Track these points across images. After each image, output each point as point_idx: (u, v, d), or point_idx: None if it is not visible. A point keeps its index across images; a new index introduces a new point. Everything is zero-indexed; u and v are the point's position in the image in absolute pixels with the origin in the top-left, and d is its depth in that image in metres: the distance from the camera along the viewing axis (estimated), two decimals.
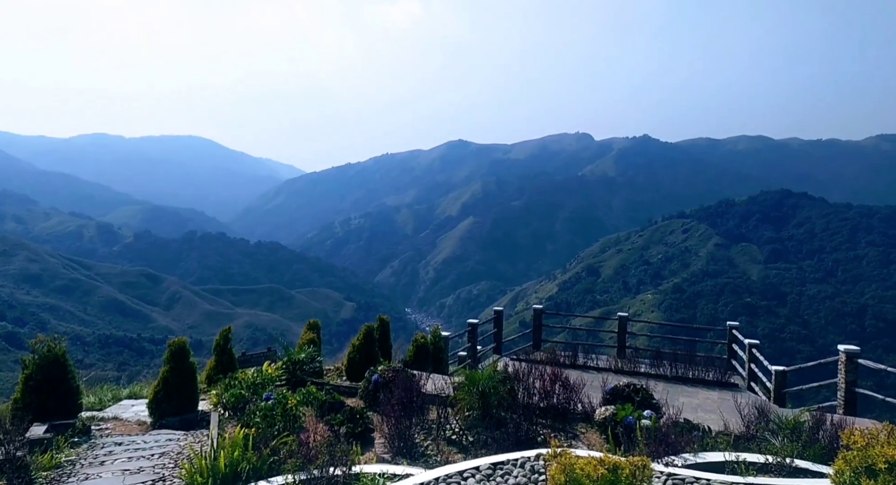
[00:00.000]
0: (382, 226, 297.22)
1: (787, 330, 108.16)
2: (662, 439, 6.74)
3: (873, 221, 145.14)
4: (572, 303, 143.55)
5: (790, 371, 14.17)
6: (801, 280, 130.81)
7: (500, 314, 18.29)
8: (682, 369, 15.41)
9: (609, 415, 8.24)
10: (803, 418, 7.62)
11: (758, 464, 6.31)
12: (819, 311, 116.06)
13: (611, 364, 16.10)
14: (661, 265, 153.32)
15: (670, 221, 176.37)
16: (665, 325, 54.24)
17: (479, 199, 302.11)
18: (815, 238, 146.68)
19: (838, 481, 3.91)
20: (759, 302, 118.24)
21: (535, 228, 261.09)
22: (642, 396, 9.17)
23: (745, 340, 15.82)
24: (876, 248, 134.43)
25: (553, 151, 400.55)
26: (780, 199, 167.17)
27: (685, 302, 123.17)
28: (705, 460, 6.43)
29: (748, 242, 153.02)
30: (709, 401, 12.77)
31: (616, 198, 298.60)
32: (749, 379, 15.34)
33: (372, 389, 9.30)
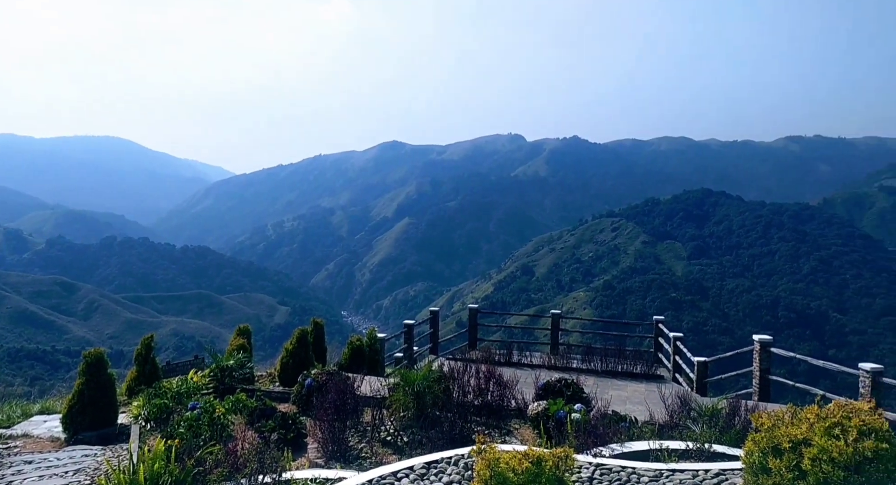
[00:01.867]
0: (317, 228, 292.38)
1: (709, 323, 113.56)
2: (591, 431, 6.96)
3: (784, 217, 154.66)
4: (508, 302, 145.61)
5: (711, 362, 14.89)
6: (722, 275, 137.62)
7: (436, 315, 18.36)
8: (611, 363, 15.94)
9: (541, 410, 8.42)
10: (721, 406, 8.05)
11: (679, 450, 6.62)
12: (738, 304, 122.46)
13: (544, 361, 16.46)
14: (592, 263, 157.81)
15: (600, 219, 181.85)
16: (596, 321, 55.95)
17: (415, 200, 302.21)
18: (732, 235, 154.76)
19: (748, 461, 4.15)
20: (684, 297, 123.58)
21: (470, 229, 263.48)
22: (573, 390, 9.43)
23: (670, 333, 16.52)
24: (786, 243, 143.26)
25: (487, 151, 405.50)
26: (701, 198, 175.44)
27: (615, 298, 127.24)
28: (631, 450, 6.68)
29: (673, 240, 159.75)
30: (637, 393, 13.25)
31: (548, 198, 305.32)
32: (674, 370, 16.03)
33: (305, 393, 9.13)
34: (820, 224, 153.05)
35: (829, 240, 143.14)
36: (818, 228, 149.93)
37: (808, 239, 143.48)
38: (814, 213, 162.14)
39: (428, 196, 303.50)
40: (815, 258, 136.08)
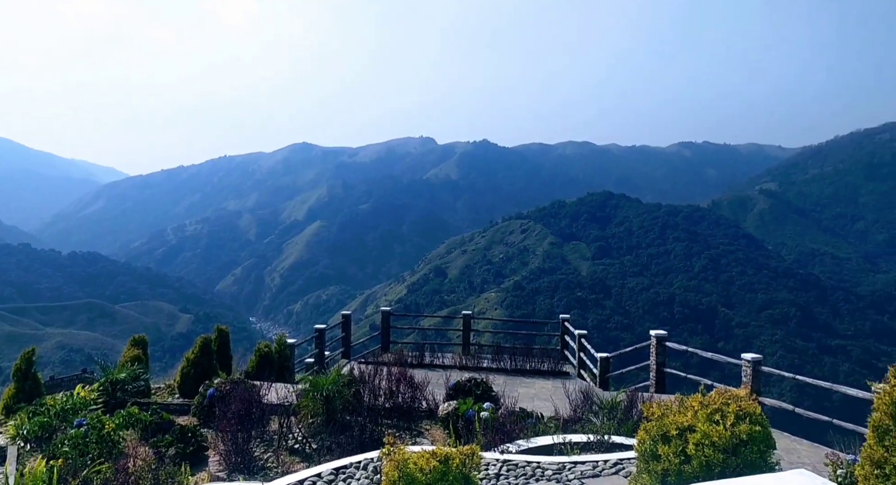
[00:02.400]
0: (223, 232, 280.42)
1: (612, 320, 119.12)
2: (499, 429, 7.12)
3: (678, 219, 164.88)
4: (421, 304, 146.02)
5: (613, 357, 15.61)
6: (623, 274, 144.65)
7: (347, 318, 18.15)
8: (520, 362, 16.37)
9: (451, 410, 8.52)
10: (619, 399, 8.48)
11: (581, 443, 6.91)
12: (638, 301, 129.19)
13: (455, 361, 16.66)
14: (502, 264, 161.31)
15: (510, 221, 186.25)
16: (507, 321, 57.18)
17: (326, 202, 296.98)
18: (633, 235, 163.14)
19: (640, 449, 4.41)
20: (589, 295, 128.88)
21: (383, 231, 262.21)
22: (482, 389, 9.61)
23: (575, 331, 17.17)
24: (681, 243, 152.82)
25: (399, 154, 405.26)
26: (604, 200, 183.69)
27: (525, 298, 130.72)
28: (536, 445, 6.90)
29: (578, 241, 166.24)
30: (544, 390, 13.67)
31: (460, 200, 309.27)
32: (579, 367, 16.67)
33: (207, 404, 8.73)
34: (709, 225, 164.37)
35: (717, 240, 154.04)
36: (708, 229, 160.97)
37: (700, 239, 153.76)
38: (704, 214, 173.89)
39: (340, 198, 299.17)
40: (706, 257, 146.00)
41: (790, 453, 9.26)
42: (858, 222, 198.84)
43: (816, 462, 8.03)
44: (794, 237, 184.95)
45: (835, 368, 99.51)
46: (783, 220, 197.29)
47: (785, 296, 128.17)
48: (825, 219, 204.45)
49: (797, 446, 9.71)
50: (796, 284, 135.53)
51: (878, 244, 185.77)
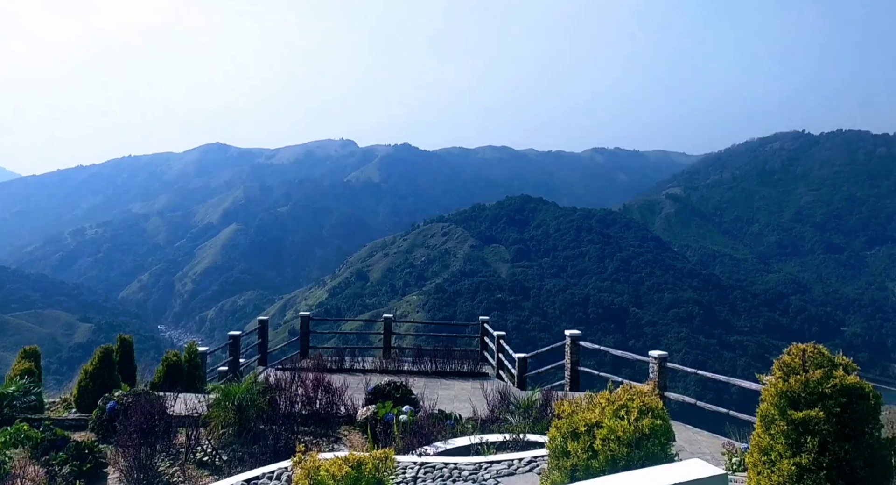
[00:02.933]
0: (128, 236, 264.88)
1: (530, 321, 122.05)
2: (418, 431, 7.13)
3: (592, 221, 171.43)
4: (343, 308, 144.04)
5: (530, 357, 15.99)
6: (541, 276, 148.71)
7: (264, 324, 17.66)
8: (440, 364, 16.48)
9: (370, 414, 8.45)
10: (535, 398, 8.71)
11: (498, 442, 7.04)
12: (555, 302, 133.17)
13: (376, 365, 16.56)
14: (424, 267, 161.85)
15: (431, 224, 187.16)
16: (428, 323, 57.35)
17: (243, 205, 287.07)
18: (549, 238, 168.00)
19: (551, 446, 4.55)
20: (508, 297, 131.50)
21: (303, 234, 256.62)
22: (402, 392, 9.59)
23: (494, 332, 17.49)
24: (594, 245, 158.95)
25: (319, 156, 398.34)
26: (522, 203, 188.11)
27: (446, 301, 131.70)
28: (454, 446, 6.96)
29: (498, 243, 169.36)
30: (463, 391, 13.81)
31: (381, 203, 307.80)
32: (498, 367, 16.96)
33: (107, 418, 8.20)
34: (621, 228, 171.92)
35: (628, 242, 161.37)
36: (619, 232, 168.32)
37: (612, 241, 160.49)
38: (616, 218, 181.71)
39: (257, 201, 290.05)
40: (618, 259, 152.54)
41: (692, 444, 9.82)
42: (753, 225, 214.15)
43: (715, 452, 8.55)
44: (697, 239, 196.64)
45: (733, 362, 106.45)
46: (687, 223, 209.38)
47: (689, 295, 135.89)
48: (724, 222, 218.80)
49: (698, 437, 10.31)
50: (699, 284, 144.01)
51: (770, 246, 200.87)
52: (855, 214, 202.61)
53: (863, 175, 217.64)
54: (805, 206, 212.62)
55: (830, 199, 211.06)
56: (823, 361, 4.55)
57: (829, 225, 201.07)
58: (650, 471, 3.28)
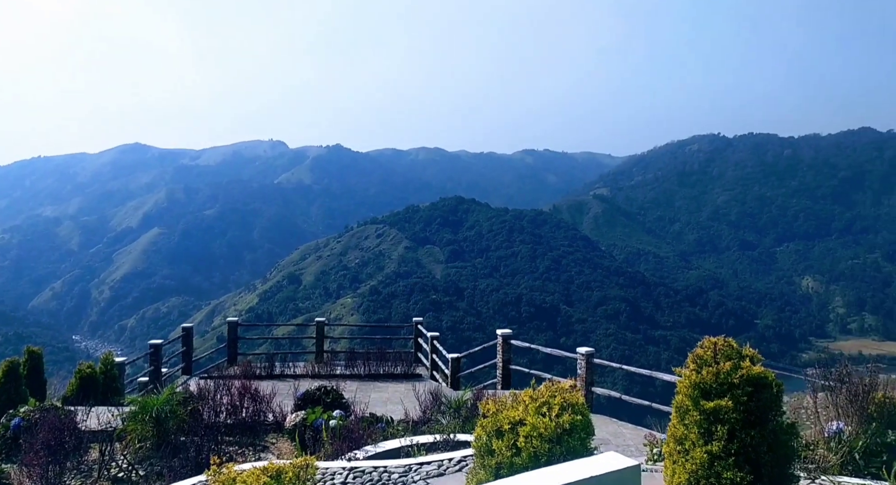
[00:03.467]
0: (38, 241, 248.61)
1: (465, 321, 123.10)
2: (348, 436, 7.04)
3: (523, 222, 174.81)
4: (274, 312, 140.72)
5: (463, 357, 16.15)
6: (475, 276, 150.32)
7: (188, 331, 17.03)
8: (374, 367, 16.39)
9: (299, 420, 8.27)
10: (466, 397, 8.78)
11: (428, 443, 7.05)
12: (489, 302, 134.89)
13: (308, 370, 16.28)
14: (358, 269, 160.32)
15: (365, 226, 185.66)
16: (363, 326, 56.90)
17: (165, 208, 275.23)
18: (483, 238, 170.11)
19: (477, 445, 4.60)
20: (443, 298, 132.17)
21: (231, 238, 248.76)
22: (333, 397, 9.44)
23: (428, 333, 17.55)
24: (526, 245, 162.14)
25: (247, 157, 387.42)
26: (455, 205, 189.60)
27: (381, 303, 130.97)
28: (384, 449, 6.92)
29: (432, 245, 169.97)
30: (397, 393, 13.77)
31: (313, 205, 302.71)
32: (432, 368, 17.03)
33: (11, 436, 7.66)
34: (551, 228, 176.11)
35: (558, 242, 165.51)
36: (550, 232, 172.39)
37: (543, 241, 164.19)
38: (546, 218, 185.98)
39: (181, 204, 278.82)
40: (549, 258, 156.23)
41: (617, 436, 10.17)
42: (675, 224, 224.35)
43: (638, 443, 8.88)
44: (623, 238, 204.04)
45: (658, 356, 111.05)
46: (614, 222, 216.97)
47: (617, 292, 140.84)
48: (648, 221, 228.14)
49: (623, 430, 10.68)
50: (626, 282, 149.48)
51: (690, 243, 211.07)
52: (765, 212, 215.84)
53: (772, 176, 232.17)
54: (721, 205, 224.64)
55: (743, 198, 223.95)
56: (732, 354, 4.81)
57: (743, 223, 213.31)
58: (569, 465, 3.37)
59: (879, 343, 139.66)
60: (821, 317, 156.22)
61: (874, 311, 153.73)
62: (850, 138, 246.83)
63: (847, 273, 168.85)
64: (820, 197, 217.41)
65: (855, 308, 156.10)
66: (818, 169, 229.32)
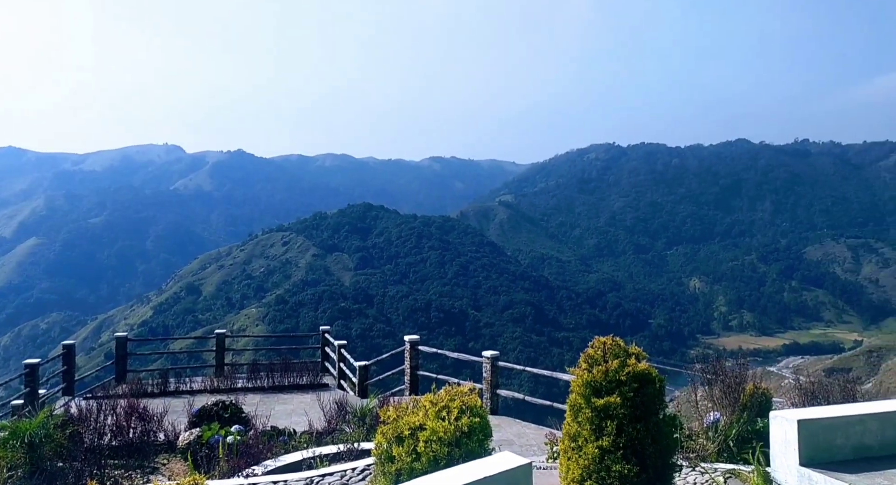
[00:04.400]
0: None
1: (375, 328, 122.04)
2: (246, 452, 6.76)
3: (432, 228, 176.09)
4: (171, 325, 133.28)
5: (371, 364, 16.02)
6: (384, 283, 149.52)
7: (70, 349, 15.77)
8: (278, 378, 15.92)
9: (194, 438, 7.86)
10: (372, 405, 8.69)
11: (332, 454, 6.91)
12: (398, 308, 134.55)
13: (206, 385, 15.58)
14: (263, 278, 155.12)
15: (270, 234, 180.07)
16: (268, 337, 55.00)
17: (44, 216, 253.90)
18: (392, 245, 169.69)
19: (377, 452, 4.58)
20: (352, 305, 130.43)
21: (121, 248, 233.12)
22: (231, 411, 9.06)
23: (335, 342, 17.26)
24: (435, 251, 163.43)
25: (139, 163, 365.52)
26: (364, 211, 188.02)
27: (288, 312, 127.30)
28: (285, 463, 6.72)
29: (341, 252, 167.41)
30: (302, 404, 13.45)
31: (214, 212, 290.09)
32: (339, 377, 16.76)
33: None
34: (459, 234, 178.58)
35: (466, 248, 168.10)
36: (458, 238, 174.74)
37: (451, 247, 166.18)
38: (454, 224, 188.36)
39: (63, 212, 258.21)
40: (457, 264, 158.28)
41: (521, 437, 10.45)
42: (575, 230, 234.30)
43: (540, 443, 9.17)
44: (528, 243, 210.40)
45: (561, 357, 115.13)
46: (519, 228, 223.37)
47: (522, 296, 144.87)
48: (551, 227, 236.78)
49: (527, 430, 10.99)
50: (531, 286, 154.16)
51: (590, 248, 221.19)
52: (657, 218, 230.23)
53: (661, 183, 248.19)
54: (617, 211, 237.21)
55: (637, 204, 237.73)
56: (620, 352, 5.08)
57: (637, 228, 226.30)
58: (464, 467, 3.43)
59: (756, 338, 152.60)
60: (706, 315, 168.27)
61: (751, 308, 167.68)
62: (729, 149, 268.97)
63: (728, 274, 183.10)
64: (704, 203, 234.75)
65: (735, 306, 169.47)
66: (702, 177, 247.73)
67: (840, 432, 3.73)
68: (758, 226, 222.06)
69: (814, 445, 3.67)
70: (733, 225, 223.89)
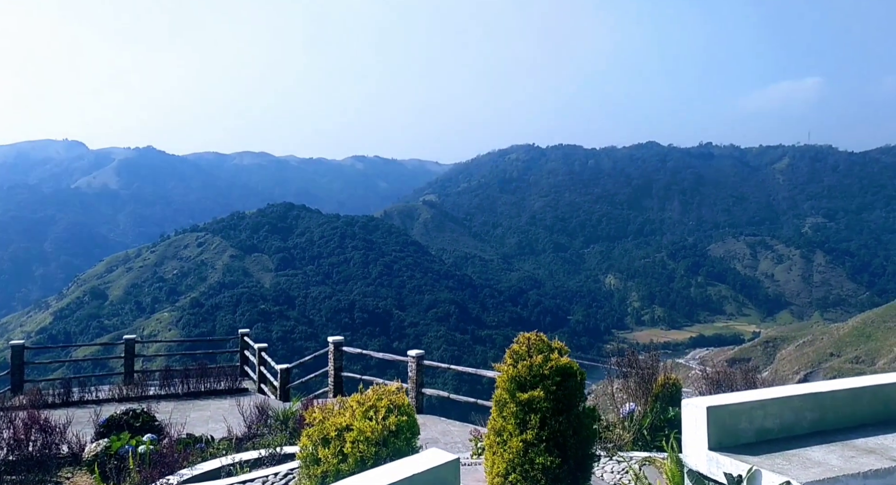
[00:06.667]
0: None
1: (297, 330, 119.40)
2: (160, 461, 6.44)
3: (355, 228, 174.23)
4: (73, 332, 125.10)
5: (293, 367, 15.67)
6: (306, 284, 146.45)
7: None
8: (194, 384, 15.29)
9: (101, 450, 7.40)
10: (295, 408, 8.50)
11: (252, 460, 6.70)
12: (321, 310, 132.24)
13: (115, 393, 14.75)
14: (177, 281, 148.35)
15: (184, 234, 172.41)
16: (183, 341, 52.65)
17: None
18: (314, 245, 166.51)
19: (302, 455, 4.48)
20: (273, 307, 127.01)
21: (16, 250, 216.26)
22: (143, 420, 8.62)
23: (255, 345, 16.75)
24: (359, 251, 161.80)
25: (35, 159, 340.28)
26: (285, 211, 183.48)
27: (204, 316, 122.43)
28: (202, 471, 6.46)
29: (260, 253, 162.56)
30: (220, 410, 12.96)
31: (121, 212, 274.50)
32: (259, 381, 16.30)
33: None
34: (383, 234, 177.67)
35: (390, 247, 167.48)
36: (382, 237, 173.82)
37: (375, 247, 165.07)
38: (378, 224, 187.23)
39: None
40: (381, 264, 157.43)
41: (446, 434, 10.53)
42: (498, 229, 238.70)
43: (465, 440, 9.27)
44: (451, 243, 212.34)
45: (485, 355, 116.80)
46: (443, 228, 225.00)
47: (446, 295, 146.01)
48: (474, 226, 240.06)
49: (452, 427, 11.09)
50: (454, 285, 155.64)
51: (512, 246, 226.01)
52: (575, 217, 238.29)
53: (579, 184, 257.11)
54: (538, 210, 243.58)
55: (556, 204, 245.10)
56: (544, 347, 5.21)
57: (557, 227, 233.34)
58: (392, 466, 3.41)
59: (666, 332, 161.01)
60: (621, 310, 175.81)
61: (662, 303, 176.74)
62: (640, 151, 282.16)
63: (640, 271, 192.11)
64: (618, 203, 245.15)
65: (647, 301, 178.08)
66: (616, 178, 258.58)
67: (744, 417, 4.00)
68: (667, 224, 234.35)
69: (721, 429, 3.92)
70: (645, 224, 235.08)
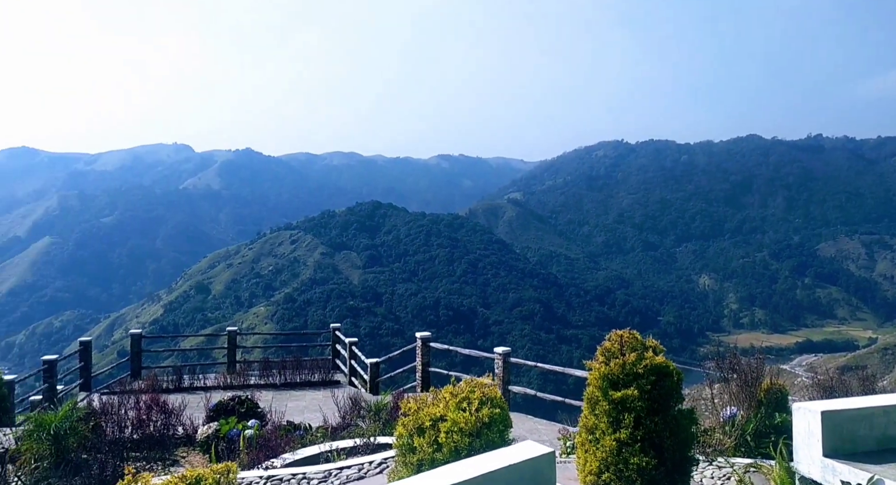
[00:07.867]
0: None
1: (384, 326, 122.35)
2: (264, 445, 6.87)
3: (440, 226, 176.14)
4: (181, 324, 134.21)
5: (382, 362, 16.10)
6: (393, 281, 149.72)
7: (87, 345, 15.98)
8: (290, 375, 16.06)
9: (212, 432, 7.99)
10: (386, 401, 8.78)
11: (348, 448, 7.01)
12: (407, 306, 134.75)
13: (220, 381, 15.74)
14: (272, 277, 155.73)
15: (278, 232, 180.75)
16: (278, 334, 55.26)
17: (57, 216, 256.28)
18: (400, 243, 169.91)
19: (399, 444, 4.65)
20: (361, 304, 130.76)
21: (132, 247, 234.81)
22: (248, 406, 9.19)
23: (346, 339, 17.37)
24: (444, 249, 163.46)
25: (149, 162, 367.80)
26: (373, 209, 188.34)
27: (297, 310, 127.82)
28: (303, 456, 6.82)
29: (349, 250, 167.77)
30: (314, 401, 13.56)
31: (222, 212, 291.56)
32: (350, 374, 16.87)
33: None
34: (468, 232, 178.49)
35: (474, 245, 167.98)
36: (467, 236, 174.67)
37: (460, 245, 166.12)
38: (462, 222, 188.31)
39: (76, 211, 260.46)
40: (466, 262, 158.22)
41: (533, 433, 10.49)
42: (584, 227, 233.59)
43: (553, 438, 9.21)
44: (536, 241, 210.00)
45: (570, 354, 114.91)
46: (527, 226, 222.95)
47: (531, 294, 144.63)
48: (559, 224, 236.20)
49: (539, 426, 11.04)
50: (539, 283, 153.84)
51: (598, 245, 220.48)
52: (666, 215, 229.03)
53: (670, 180, 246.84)
54: (626, 208, 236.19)
55: (646, 201, 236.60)
56: (637, 345, 5.12)
57: (646, 225, 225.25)
58: (489, 455, 3.49)
59: (768, 336, 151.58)
60: (716, 312, 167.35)
61: (763, 305, 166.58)
62: (740, 145, 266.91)
63: (739, 271, 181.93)
64: (713, 200, 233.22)
65: (746, 303, 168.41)
66: (711, 174, 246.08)
67: (864, 423, 3.75)
68: (769, 222, 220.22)
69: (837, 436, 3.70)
70: (744, 222, 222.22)
